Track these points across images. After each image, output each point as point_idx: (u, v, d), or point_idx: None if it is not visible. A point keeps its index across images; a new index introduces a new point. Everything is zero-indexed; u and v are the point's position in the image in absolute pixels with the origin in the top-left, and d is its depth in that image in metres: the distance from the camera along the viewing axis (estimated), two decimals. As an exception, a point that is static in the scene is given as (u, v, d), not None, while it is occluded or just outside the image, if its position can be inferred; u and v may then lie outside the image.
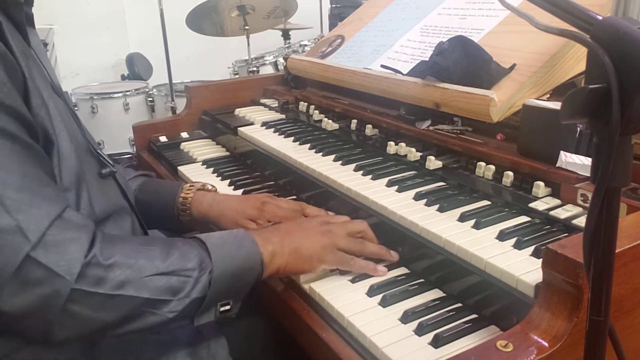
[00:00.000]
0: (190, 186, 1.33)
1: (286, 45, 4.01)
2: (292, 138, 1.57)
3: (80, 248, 0.79)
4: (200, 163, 1.73)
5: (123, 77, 4.55)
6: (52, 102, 0.93)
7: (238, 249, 0.93)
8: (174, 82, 3.49)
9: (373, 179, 1.23)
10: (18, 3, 0.94)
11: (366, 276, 1.03)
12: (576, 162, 1.01)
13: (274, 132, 1.65)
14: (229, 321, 0.97)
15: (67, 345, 0.88)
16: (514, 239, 0.93)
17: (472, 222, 1.00)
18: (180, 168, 1.69)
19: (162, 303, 0.85)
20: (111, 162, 1.07)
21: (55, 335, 0.80)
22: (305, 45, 3.81)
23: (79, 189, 0.93)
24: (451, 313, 0.91)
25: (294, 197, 1.41)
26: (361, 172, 1.27)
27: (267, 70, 3.73)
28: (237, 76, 3.85)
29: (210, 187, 1.35)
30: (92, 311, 0.80)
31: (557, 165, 1.04)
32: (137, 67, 4.48)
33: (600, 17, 0.52)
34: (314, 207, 1.24)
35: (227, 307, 0.93)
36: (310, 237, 1.02)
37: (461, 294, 0.95)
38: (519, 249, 0.91)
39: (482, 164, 1.15)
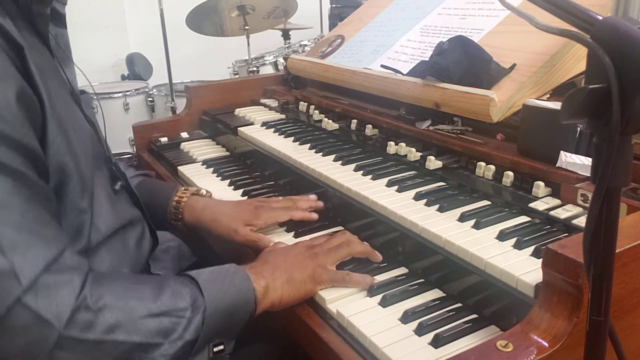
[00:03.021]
0: (184, 190, 1.32)
1: (286, 45, 4.01)
2: (292, 138, 1.57)
3: (72, 291, 0.77)
4: (200, 163, 1.73)
5: (123, 77, 4.55)
6: (70, 119, 0.90)
7: (230, 285, 0.92)
8: (174, 82, 3.49)
9: (373, 179, 1.23)
10: (44, 14, 0.92)
11: (366, 276, 1.03)
12: (576, 162, 1.01)
13: (274, 132, 1.65)
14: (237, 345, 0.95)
15: None
16: (514, 239, 0.93)
17: (472, 222, 1.00)
18: (180, 168, 1.69)
19: (153, 346, 0.82)
20: (123, 174, 1.05)
21: None
22: (305, 45, 3.81)
23: (92, 208, 0.92)
24: (451, 313, 0.91)
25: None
26: (361, 172, 1.27)
27: (267, 70, 3.73)
28: (237, 76, 3.85)
29: (204, 192, 1.34)
30: (79, 358, 0.77)
31: (557, 165, 1.04)
32: (137, 67, 4.48)
33: (600, 17, 0.52)
34: (303, 198, 1.27)
35: (221, 347, 0.91)
36: (299, 264, 1.01)
37: (461, 294, 0.95)
38: (519, 249, 0.91)
39: (482, 164, 1.15)
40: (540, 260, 0.76)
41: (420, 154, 1.29)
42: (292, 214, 1.22)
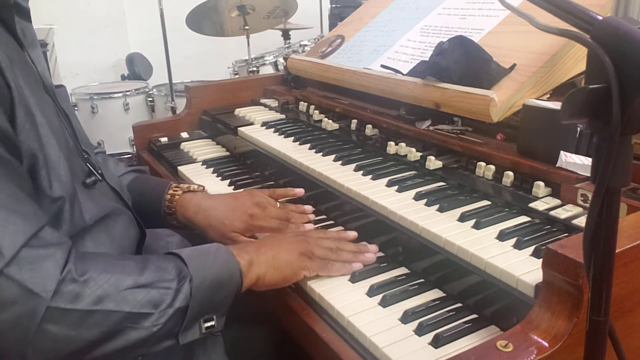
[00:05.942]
0: (176, 187, 1.30)
1: (286, 45, 4.01)
2: (292, 138, 1.57)
3: (56, 264, 0.77)
4: (200, 163, 1.73)
5: (123, 77, 4.56)
6: (40, 108, 0.89)
7: (215, 259, 0.92)
8: (174, 82, 3.49)
9: (373, 179, 1.23)
10: (7, 4, 0.92)
11: (366, 276, 1.03)
12: (576, 162, 1.01)
13: (274, 132, 1.65)
14: (228, 324, 0.96)
15: None
16: (514, 239, 0.93)
17: (472, 222, 1.00)
18: (180, 168, 1.69)
19: (143, 316, 0.82)
20: (97, 169, 1.03)
21: (32, 358, 0.76)
22: (305, 45, 3.81)
23: (72, 196, 0.91)
24: (451, 313, 0.91)
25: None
26: (361, 172, 1.27)
27: (267, 70, 3.73)
28: (237, 76, 3.85)
29: (195, 187, 1.32)
30: (70, 329, 0.77)
31: (557, 165, 1.04)
32: (137, 67, 4.49)
33: (600, 17, 0.52)
34: (298, 209, 1.27)
35: (212, 323, 0.91)
36: (285, 245, 1.02)
37: (461, 294, 0.95)
38: (519, 249, 0.91)
39: (482, 164, 1.15)
40: (540, 260, 0.76)
41: (420, 154, 1.29)
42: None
